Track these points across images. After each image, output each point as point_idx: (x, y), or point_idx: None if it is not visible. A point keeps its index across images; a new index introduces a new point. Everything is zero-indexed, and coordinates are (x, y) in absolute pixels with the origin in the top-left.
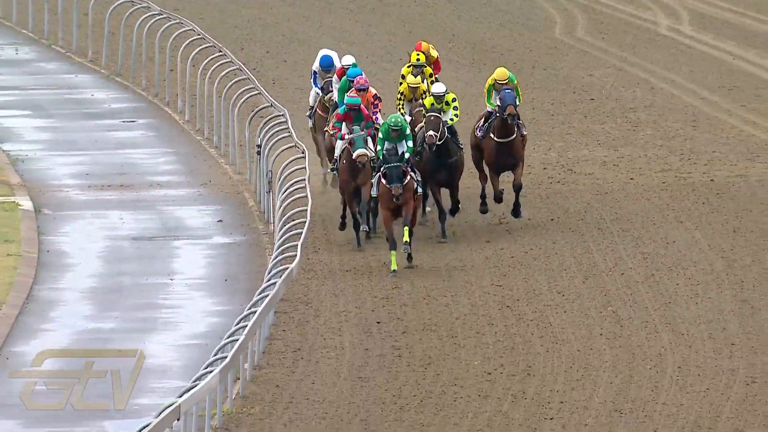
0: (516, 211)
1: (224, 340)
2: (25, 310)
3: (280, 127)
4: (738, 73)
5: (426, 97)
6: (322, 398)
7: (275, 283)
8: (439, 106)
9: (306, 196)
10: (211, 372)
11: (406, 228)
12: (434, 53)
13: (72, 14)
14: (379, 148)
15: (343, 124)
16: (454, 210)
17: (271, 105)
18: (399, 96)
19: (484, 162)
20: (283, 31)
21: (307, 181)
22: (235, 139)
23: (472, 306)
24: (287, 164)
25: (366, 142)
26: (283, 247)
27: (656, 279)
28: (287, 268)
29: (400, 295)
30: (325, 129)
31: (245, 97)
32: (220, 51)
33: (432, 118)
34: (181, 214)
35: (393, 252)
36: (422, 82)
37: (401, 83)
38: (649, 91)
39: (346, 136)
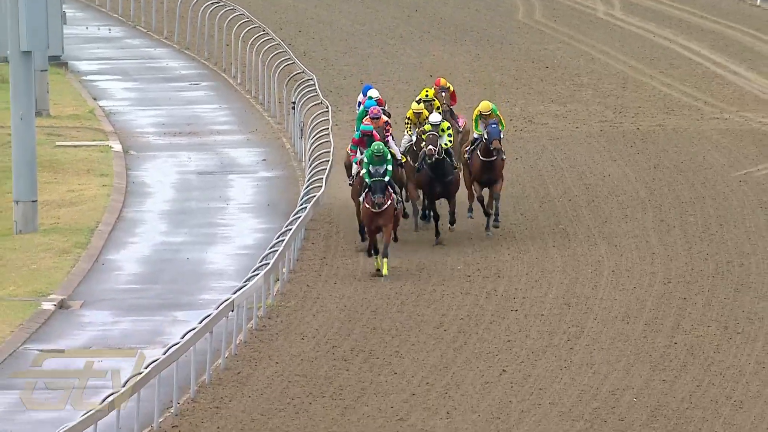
0: (496, 221)
1: (267, 250)
2: (117, 227)
3: (310, 89)
4: (657, 47)
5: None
6: (342, 294)
7: (305, 207)
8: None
9: (329, 141)
10: (257, 275)
11: (385, 260)
12: (451, 88)
13: (152, 2)
14: (363, 171)
15: (358, 148)
16: (452, 221)
17: (303, 71)
18: (406, 121)
19: (471, 178)
20: (312, 15)
21: (330, 130)
22: (275, 97)
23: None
24: (315, 117)
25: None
26: (311, 180)
27: (596, 204)
28: (315, 197)
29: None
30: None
31: (283, 66)
32: (264, 30)
33: (431, 136)
34: (234, 154)
35: (376, 257)
36: (425, 109)
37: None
38: (590, 60)
39: (361, 163)
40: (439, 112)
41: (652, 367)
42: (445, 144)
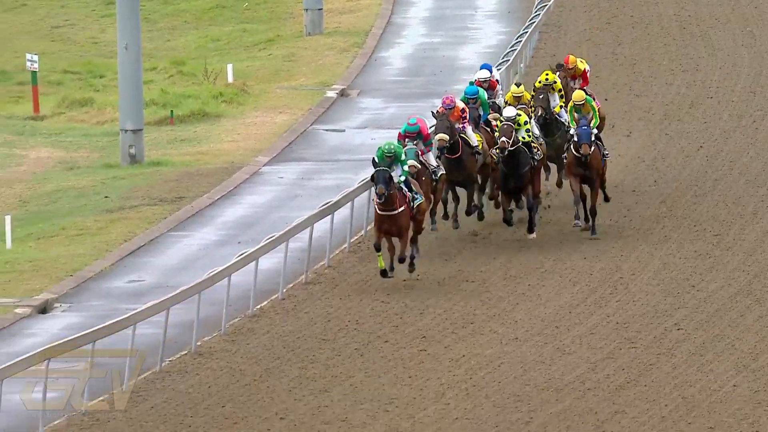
0: (592, 228)
1: (507, 49)
2: (386, 30)
3: None
4: None
5: (531, 104)
6: None
7: (539, 14)
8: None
9: None
10: (500, 69)
11: (412, 269)
12: (581, 66)
13: None
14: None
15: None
16: (532, 210)
17: None
18: (504, 104)
19: (568, 173)
20: None
21: None
22: None
23: None
24: None
25: (417, 155)
26: None
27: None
28: (546, 5)
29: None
30: None
31: None
32: None
33: (506, 126)
34: None
35: (379, 254)
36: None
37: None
38: None
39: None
40: (560, 95)
41: None
42: (523, 138)
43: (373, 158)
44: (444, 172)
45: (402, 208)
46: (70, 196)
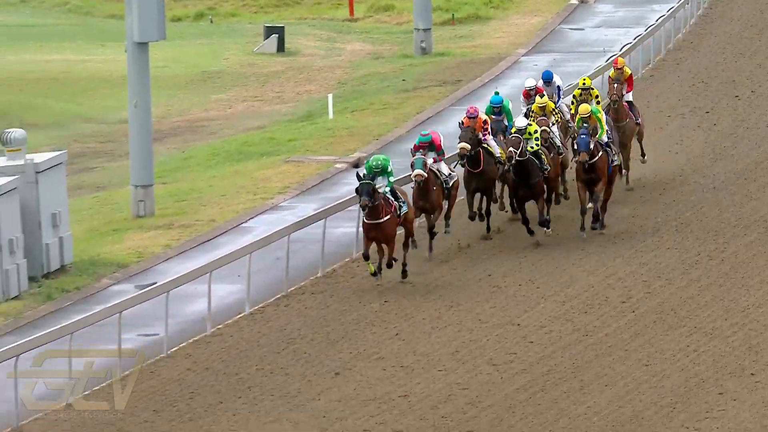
0: (594, 225)
1: None
2: None
3: None
4: None
5: (555, 112)
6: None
7: None
8: (524, 137)
9: None
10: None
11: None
12: (628, 70)
13: None
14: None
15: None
16: (542, 222)
17: None
18: (531, 115)
19: (576, 180)
20: None
21: None
22: None
23: None
24: None
25: (425, 165)
26: None
27: None
28: None
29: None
30: None
31: None
32: None
33: (513, 138)
34: None
35: (368, 262)
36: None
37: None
38: None
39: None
40: (598, 101)
41: None
42: (532, 147)
43: (357, 173)
44: (456, 179)
45: (387, 217)
46: (376, 79)
